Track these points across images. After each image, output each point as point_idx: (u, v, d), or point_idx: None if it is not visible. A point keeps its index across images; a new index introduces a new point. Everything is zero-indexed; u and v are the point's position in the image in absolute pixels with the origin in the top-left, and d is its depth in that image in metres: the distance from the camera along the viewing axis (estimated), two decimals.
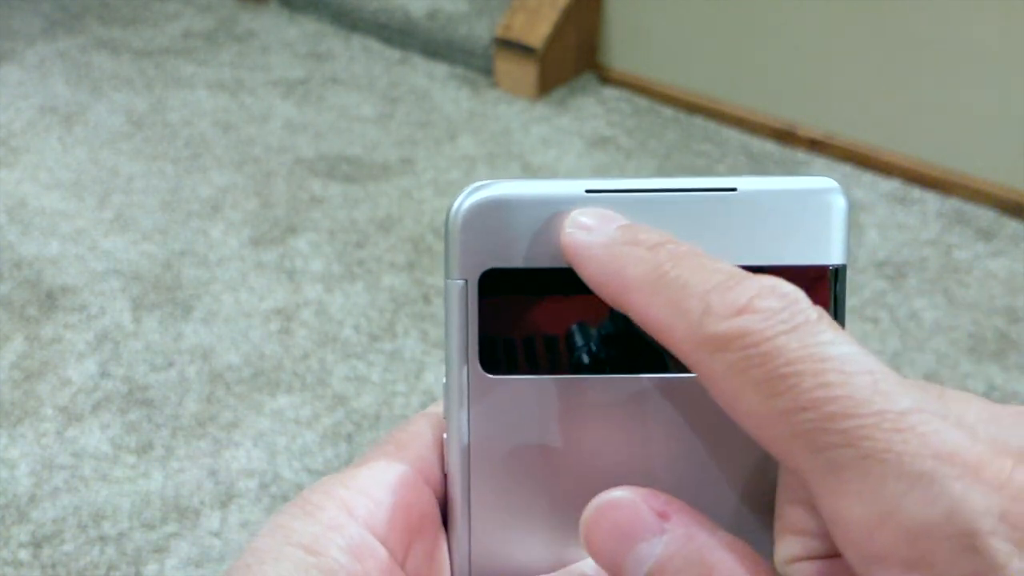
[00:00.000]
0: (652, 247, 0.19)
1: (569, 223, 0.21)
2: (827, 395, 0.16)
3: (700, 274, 0.18)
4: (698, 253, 0.19)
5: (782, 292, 0.17)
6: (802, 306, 0.17)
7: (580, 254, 0.20)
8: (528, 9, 1.86)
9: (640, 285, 0.19)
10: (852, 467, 0.16)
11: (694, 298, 0.18)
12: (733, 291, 0.17)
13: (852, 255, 1.45)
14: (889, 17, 1.56)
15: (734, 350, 0.17)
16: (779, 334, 0.17)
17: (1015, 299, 1.36)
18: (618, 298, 0.20)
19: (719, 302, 0.17)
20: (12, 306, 1.31)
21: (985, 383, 1.21)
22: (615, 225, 0.20)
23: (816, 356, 0.16)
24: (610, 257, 0.20)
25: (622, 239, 0.20)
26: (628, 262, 0.19)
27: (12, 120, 1.78)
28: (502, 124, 1.80)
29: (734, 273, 0.18)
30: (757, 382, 0.16)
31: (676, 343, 0.18)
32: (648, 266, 0.19)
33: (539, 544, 0.22)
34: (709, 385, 0.18)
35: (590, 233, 0.20)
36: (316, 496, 0.21)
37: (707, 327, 0.17)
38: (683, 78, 1.85)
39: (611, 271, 0.20)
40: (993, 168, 1.54)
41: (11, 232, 1.46)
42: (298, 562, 0.20)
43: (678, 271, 0.19)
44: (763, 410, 0.17)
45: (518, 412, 0.22)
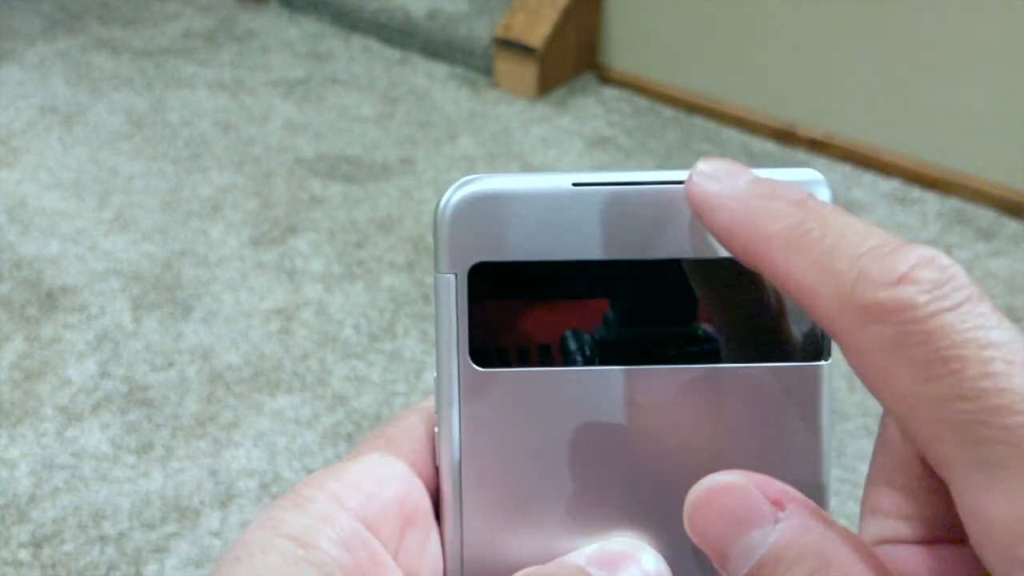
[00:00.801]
0: (795, 202, 0.18)
1: (696, 173, 0.20)
2: (992, 386, 0.15)
3: (852, 234, 0.17)
4: (845, 212, 0.18)
5: (942, 264, 0.16)
6: (964, 281, 0.16)
7: (709, 203, 0.19)
8: (528, 9, 1.86)
9: (781, 241, 0.18)
10: (1008, 465, 0.15)
11: (846, 259, 0.17)
12: (891, 256, 0.16)
13: None
14: (889, 17, 1.56)
15: (892, 323, 0.16)
16: (943, 311, 0.15)
17: (1015, 299, 1.36)
18: (753, 253, 0.18)
19: (876, 267, 0.16)
20: (12, 306, 1.31)
21: None
22: (748, 176, 0.19)
23: (981, 341, 0.15)
24: (745, 209, 0.18)
25: (760, 191, 0.19)
26: (767, 215, 0.18)
27: (12, 120, 1.78)
28: (502, 124, 1.80)
29: (887, 237, 0.17)
30: (915, 362, 0.16)
31: (821, 307, 0.17)
32: (792, 221, 0.18)
33: (531, 536, 0.22)
34: (853, 356, 0.17)
35: (720, 182, 0.19)
36: (307, 489, 0.21)
37: (862, 294, 0.16)
38: (683, 78, 1.85)
39: (746, 223, 0.18)
40: (993, 168, 1.54)
41: (11, 232, 1.46)
42: (288, 554, 0.20)
43: (826, 229, 0.17)
44: (916, 392, 0.16)
45: (510, 405, 0.22)
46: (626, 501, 0.22)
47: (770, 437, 0.22)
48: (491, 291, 0.22)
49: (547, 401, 0.22)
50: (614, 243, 0.21)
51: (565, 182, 0.21)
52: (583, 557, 0.22)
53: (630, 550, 0.22)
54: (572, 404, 0.22)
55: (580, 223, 0.21)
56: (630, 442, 0.22)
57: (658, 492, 0.22)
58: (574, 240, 0.21)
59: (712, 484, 0.19)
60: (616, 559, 0.22)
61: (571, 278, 0.21)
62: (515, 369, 0.22)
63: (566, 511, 0.22)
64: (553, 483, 0.22)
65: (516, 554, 0.22)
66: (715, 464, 0.22)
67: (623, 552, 0.22)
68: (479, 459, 0.22)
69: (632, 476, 0.22)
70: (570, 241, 0.21)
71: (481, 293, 0.22)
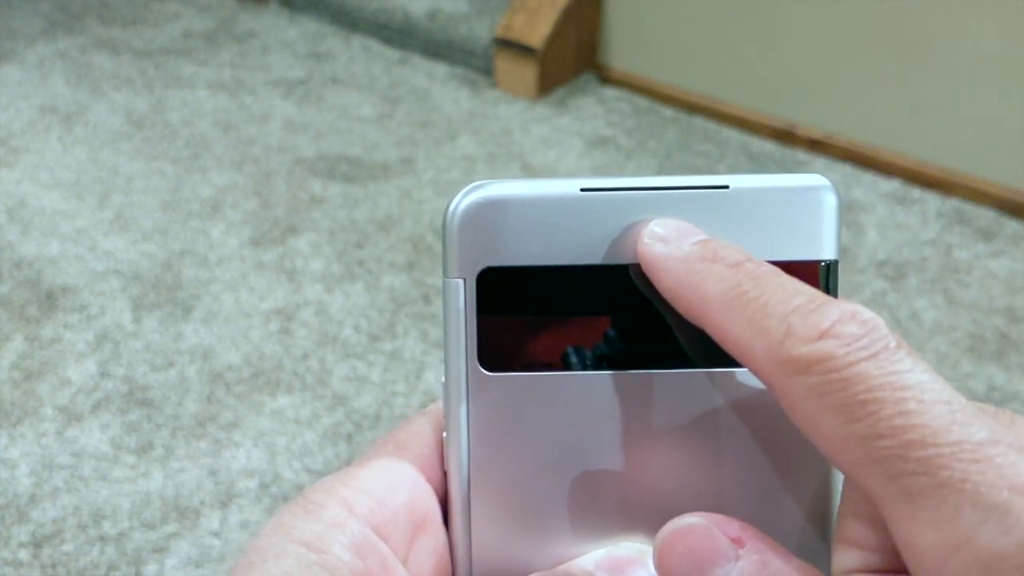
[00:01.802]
0: (732, 265, 0.20)
1: (647, 234, 0.21)
2: (906, 423, 0.16)
3: (781, 294, 0.19)
4: (778, 273, 0.19)
5: (863, 318, 0.18)
6: (882, 332, 0.17)
7: (657, 265, 0.21)
8: (528, 9, 1.86)
9: (719, 302, 0.19)
10: (928, 495, 0.16)
11: (775, 318, 0.18)
12: (815, 314, 0.18)
13: (852, 255, 1.45)
14: (889, 17, 1.56)
15: (815, 373, 0.17)
16: (860, 360, 0.17)
17: (1015, 299, 1.36)
18: (695, 312, 0.20)
19: (801, 324, 0.18)
20: (12, 306, 1.31)
21: (985, 383, 1.21)
22: (693, 239, 0.21)
23: (895, 384, 0.17)
24: (688, 272, 0.20)
25: (701, 254, 0.20)
26: (707, 278, 0.20)
27: (12, 120, 1.78)
28: (502, 124, 1.80)
29: (815, 295, 0.18)
30: (836, 406, 0.17)
31: (755, 362, 0.18)
32: (728, 284, 0.19)
33: (540, 541, 0.22)
34: (787, 405, 0.18)
35: (667, 244, 0.21)
36: (317, 495, 0.21)
37: (788, 349, 0.18)
38: (683, 78, 1.85)
39: (689, 285, 0.20)
40: (993, 168, 1.54)
41: (11, 232, 1.46)
42: (300, 559, 0.20)
43: (759, 290, 0.19)
44: (841, 434, 0.17)
45: (517, 409, 0.22)
46: (634, 506, 0.22)
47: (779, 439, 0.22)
48: (500, 296, 0.22)
49: (555, 405, 0.22)
50: (622, 248, 0.21)
51: (573, 188, 0.21)
52: (591, 562, 0.22)
53: (638, 555, 0.22)
54: (581, 408, 0.22)
55: (588, 228, 0.21)
56: (638, 447, 0.22)
57: (666, 497, 0.22)
58: (583, 245, 0.22)
59: (676, 527, 0.20)
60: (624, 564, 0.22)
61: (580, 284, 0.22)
62: (523, 373, 0.22)
63: (574, 516, 0.22)
64: (561, 488, 0.22)
65: (524, 558, 0.22)
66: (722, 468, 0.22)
67: (631, 557, 0.22)
68: (487, 463, 0.22)
69: (640, 481, 0.22)
70: (579, 246, 0.22)
71: (489, 298, 0.22)
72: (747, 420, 0.22)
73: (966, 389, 1.20)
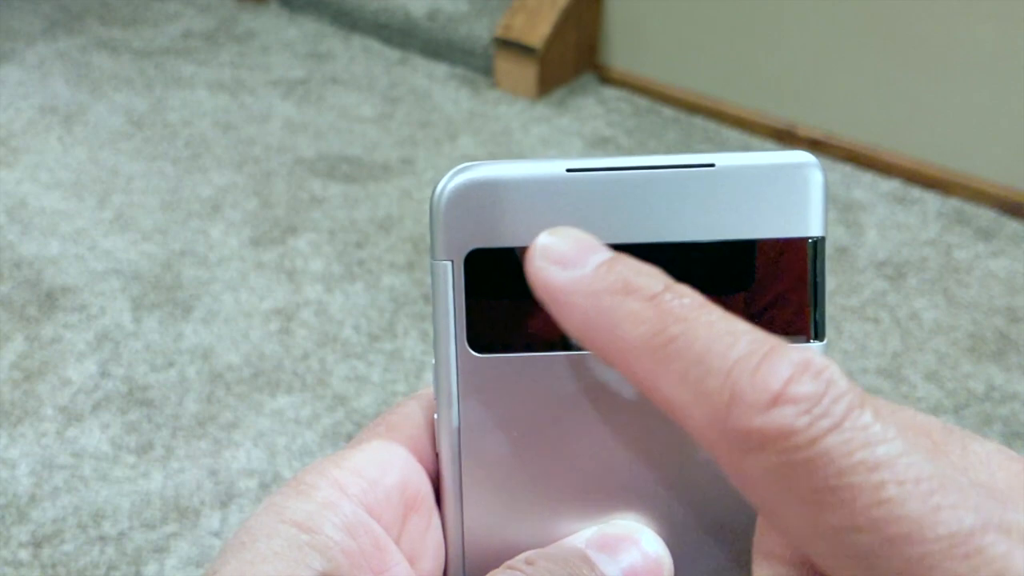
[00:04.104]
0: (650, 298, 0.17)
1: (538, 253, 0.18)
2: (887, 515, 0.14)
3: (716, 341, 0.16)
4: (704, 305, 0.16)
5: (816, 370, 0.15)
6: (841, 389, 0.15)
7: (556, 300, 0.17)
8: (528, 9, 1.86)
9: (642, 350, 0.16)
10: None
11: (715, 376, 0.15)
12: (762, 371, 0.15)
13: (852, 255, 1.45)
14: (889, 17, 1.56)
15: (773, 452, 0.15)
16: (824, 432, 0.14)
17: (1015, 299, 1.36)
18: (613, 360, 0.17)
19: (748, 386, 0.15)
20: (12, 306, 1.31)
21: (985, 383, 1.21)
22: (596, 259, 0.18)
23: (868, 463, 0.14)
24: (598, 310, 0.17)
25: (611, 285, 0.17)
26: (623, 318, 0.16)
27: (12, 120, 1.78)
28: (502, 124, 1.80)
29: (754, 340, 0.16)
30: (803, 495, 0.15)
31: (696, 429, 0.16)
32: (650, 327, 0.16)
33: (531, 520, 0.23)
34: (738, 483, 0.16)
35: (566, 268, 0.18)
36: (309, 476, 0.21)
37: (737, 420, 0.15)
38: (683, 78, 1.85)
39: (602, 328, 0.17)
40: (993, 168, 1.54)
41: (11, 232, 1.46)
42: (291, 539, 0.20)
43: (688, 336, 0.16)
44: (809, 524, 0.15)
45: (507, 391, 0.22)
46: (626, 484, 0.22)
47: None
48: (488, 277, 0.22)
49: (545, 386, 0.22)
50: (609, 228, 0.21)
51: (559, 168, 0.21)
52: (583, 540, 0.22)
53: (630, 532, 0.22)
54: (570, 389, 0.22)
55: (575, 209, 0.21)
56: (630, 426, 0.22)
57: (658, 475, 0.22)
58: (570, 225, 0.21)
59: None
60: (616, 542, 0.22)
61: None
62: (513, 355, 0.22)
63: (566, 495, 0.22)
64: (552, 467, 0.22)
65: (517, 538, 0.23)
66: None
67: (623, 535, 0.22)
68: (478, 445, 0.22)
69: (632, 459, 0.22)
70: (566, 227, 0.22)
71: (478, 279, 0.22)
72: None
73: (966, 389, 1.20)
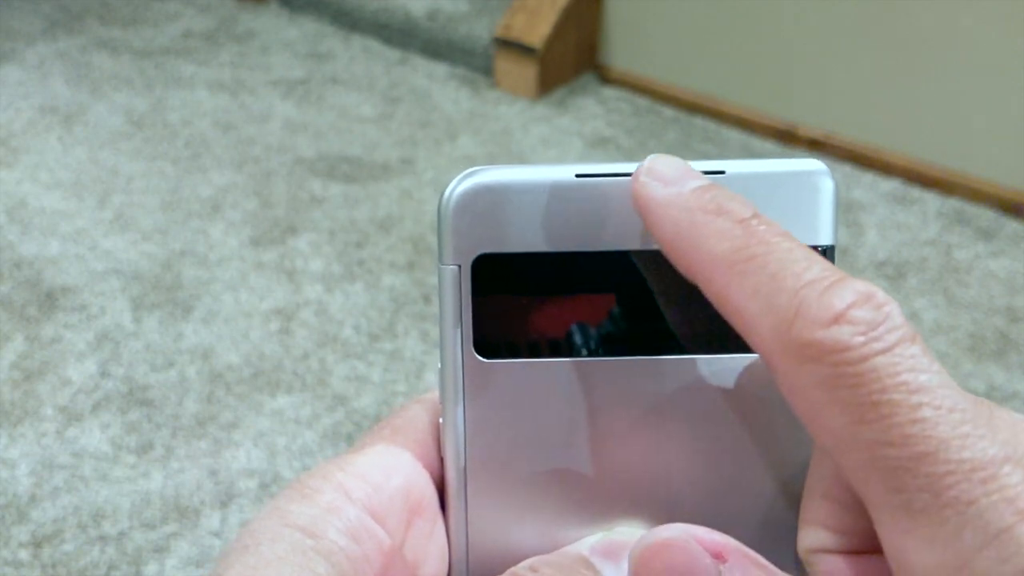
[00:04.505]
0: (739, 221, 0.18)
1: (644, 170, 0.19)
2: (919, 433, 0.15)
3: (792, 263, 0.17)
4: (787, 235, 0.18)
5: (878, 302, 0.16)
6: (897, 322, 0.16)
7: (653, 210, 0.19)
8: (528, 9, 1.86)
9: (723, 263, 0.17)
10: (931, 513, 0.15)
11: (785, 293, 0.17)
12: (829, 293, 0.16)
13: (852, 255, 1.45)
14: (889, 17, 1.56)
15: (826, 364, 0.16)
16: (875, 353, 0.16)
17: (1015, 299, 1.36)
18: (695, 270, 0.18)
19: (815, 304, 0.16)
20: (12, 306, 1.31)
21: (985, 383, 1.21)
22: (695, 183, 0.19)
23: (911, 385, 0.16)
24: (690, 224, 0.18)
25: (704, 204, 0.18)
26: (711, 233, 0.18)
27: (12, 120, 1.78)
28: (502, 124, 1.80)
29: (826, 268, 0.17)
30: (846, 403, 0.16)
31: (758, 338, 0.17)
32: (734, 243, 0.17)
33: (536, 526, 0.22)
34: (787, 389, 0.17)
35: (667, 186, 0.19)
36: (314, 480, 0.21)
37: (799, 332, 0.16)
38: (683, 78, 1.85)
39: (690, 239, 0.18)
40: (993, 168, 1.54)
41: (11, 232, 1.46)
42: (296, 544, 0.20)
43: (768, 256, 0.17)
44: (847, 433, 0.16)
45: (513, 396, 0.22)
46: (630, 491, 0.22)
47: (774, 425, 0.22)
48: (495, 282, 0.22)
49: (551, 392, 0.22)
50: (618, 234, 0.21)
51: (568, 173, 0.21)
52: (587, 547, 0.22)
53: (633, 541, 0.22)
54: (576, 395, 0.22)
55: (584, 214, 0.21)
56: (634, 432, 0.22)
57: (662, 482, 0.22)
58: (578, 231, 0.21)
59: (652, 541, 0.19)
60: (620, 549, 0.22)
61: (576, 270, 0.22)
62: (519, 360, 0.22)
63: (570, 501, 0.22)
64: (557, 473, 0.22)
65: (521, 543, 0.22)
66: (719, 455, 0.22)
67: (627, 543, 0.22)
68: (483, 449, 0.22)
69: (637, 466, 0.22)
70: (574, 232, 0.21)
71: (485, 284, 0.22)
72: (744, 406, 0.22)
73: (966, 389, 1.20)
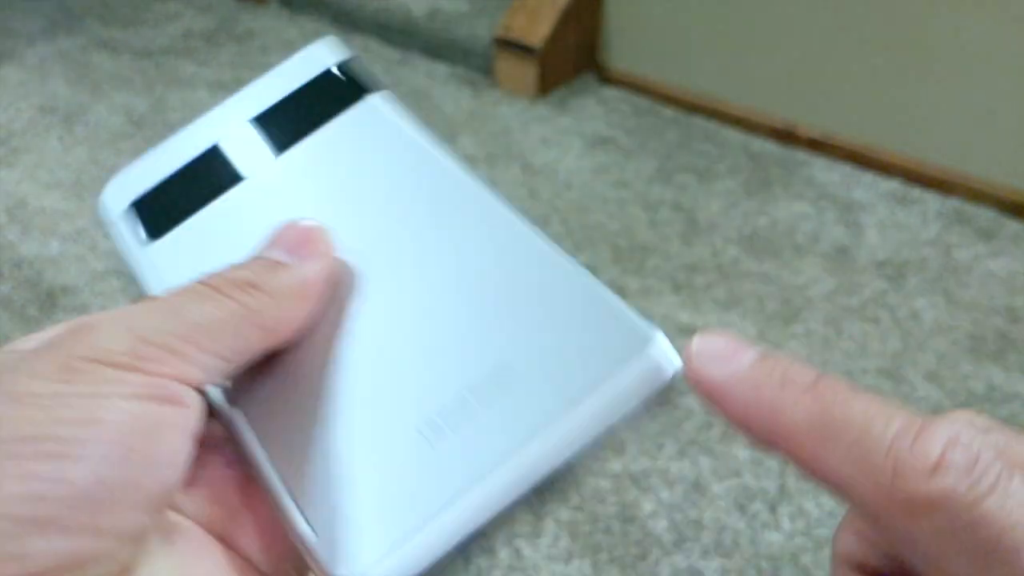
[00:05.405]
0: (807, 387, 0.18)
1: (695, 355, 0.20)
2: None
3: (873, 421, 0.18)
4: (855, 388, 0.18)
5: (965, 443, 0.17)
6: (989, 457, 0.17)
7: (720, 393, 0.19)
8: (528, 9, 1.86)
9: (806, 435, 0.18)
10: None
11: (878, 452, 0.17)
12: (920, 443, 0.17)
13: (852, 255, 1.45)
14: (889, 17, 1.56)
15: (939, 515, 0.17)
16: (983, 496, 0.16)
17: (1015, 299, 1.36)
18: (777, 444, 0.19)
19: (909, 458, 0.17)
20: (12, 306, 1.31)
21: (985, 383, 1.21)
22: (750, 356, 0.19)
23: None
24: (759, 398, 0.19)
25: (768, 377, 0.19)
26: (784, 407, 0.18)
27: (12, 120, 1.78)
28: (502, 124, 1.80)
29: (905, 416, 0.18)
30: (967, 551, 0.16)
31: (862, 499, 0.18)
32: (811, 411, 0.18)
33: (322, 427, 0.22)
34: (903, 544, 0.18)
35: (725, 365, 0.19)
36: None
37: (903, 488, 0.17)
38: (683, 78, 1.85)
39: (766, 413, 0.19)
40: (993, 168, 1.54)
41: (11, 232, 1.46)
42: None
43: (847, 419, 0.18)
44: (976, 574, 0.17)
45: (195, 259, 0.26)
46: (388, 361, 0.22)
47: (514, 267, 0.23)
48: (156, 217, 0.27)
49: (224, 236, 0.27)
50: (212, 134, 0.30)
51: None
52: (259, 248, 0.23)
53: (317, 230, 0.23)
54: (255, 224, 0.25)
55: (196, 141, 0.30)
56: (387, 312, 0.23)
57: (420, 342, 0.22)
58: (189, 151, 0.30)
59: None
60: (302, 240, 0.23)
61: (203, 173, 0.28)
62: (183, 223, 0.28)
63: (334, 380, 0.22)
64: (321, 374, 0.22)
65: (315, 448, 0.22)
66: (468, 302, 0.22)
67: (308, 232, 0.23)
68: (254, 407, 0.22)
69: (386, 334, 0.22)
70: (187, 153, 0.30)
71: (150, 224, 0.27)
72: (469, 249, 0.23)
73: (966, 389, 1.20)
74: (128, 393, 0.18)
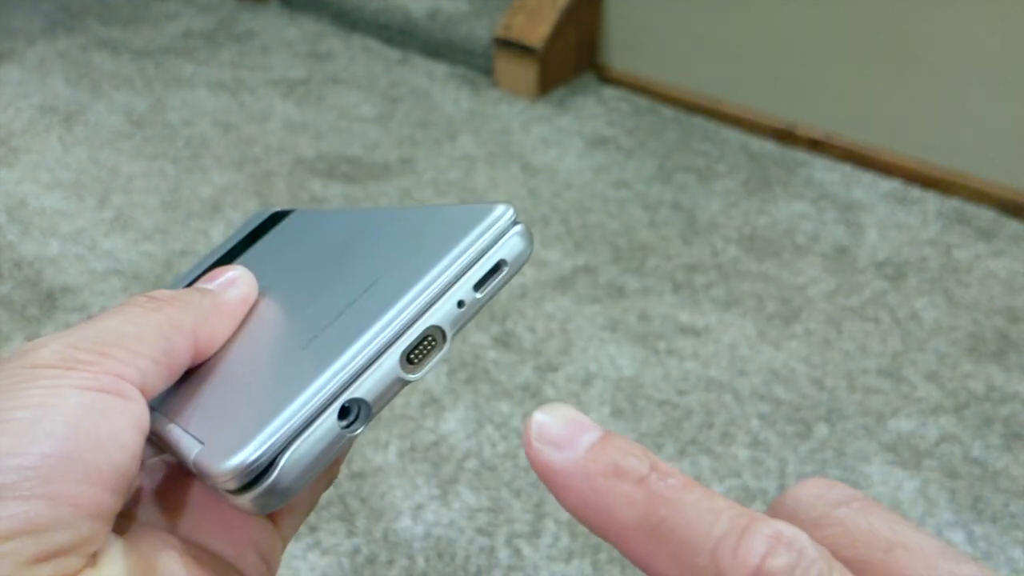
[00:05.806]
0: (639, 481, 0.18)
1: (534, 434, 0.19)
2: None
3: (699, 521, 0.18)
4: (687, 484, 0.18)
5: (788, 541, 0.17)
6: (810, 556, 0.17)
7: (554, 481, 0.19)
8: (528, 9, 1.86)
9: (635, 532, 0.18)
10: None
11: (702, 555, 0.17)
12: (742, 548, 0.17)
13: (852, 255, 1.45)
14: (889, 17, 1.56)
15: None
16: None
17: (1015, 299, 1.36)
18: (609, 537, 0.19)
19: (730, 563, 0.17)
20: (12, 306, 1.31)
21: (985, 383, 1.21)
22: (588, 440, 0.19)
23: None
24: (592, 492, 0.18)
25: (603, 468, 0.18)
26: (616, 501, 0.18)
27: (12, 120, 1.78)
28: (502, 124, 1.80)
29: (733, 517, 0.18)
30: None
31: None
32: (641, 510, 0.18)
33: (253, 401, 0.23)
34: None
35: (561, 450, 0.19)
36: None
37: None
38: (683, 78, 1.85)
39: (598, 509, 0.18)
40: (993, 168, 1.54)
41: (11, 232, 1.46)
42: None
43: (675, 517, 0.18)
44: None
45: None
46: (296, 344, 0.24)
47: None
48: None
49: None
50: None
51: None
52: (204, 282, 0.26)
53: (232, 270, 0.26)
54: None
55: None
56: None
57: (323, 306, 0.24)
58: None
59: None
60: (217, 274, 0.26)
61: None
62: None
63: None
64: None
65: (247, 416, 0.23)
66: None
67: (232, 271, 0.26)
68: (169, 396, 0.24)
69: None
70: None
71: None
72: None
73: (966, 389, 1.20)
74: (76, 385, 0.20)
